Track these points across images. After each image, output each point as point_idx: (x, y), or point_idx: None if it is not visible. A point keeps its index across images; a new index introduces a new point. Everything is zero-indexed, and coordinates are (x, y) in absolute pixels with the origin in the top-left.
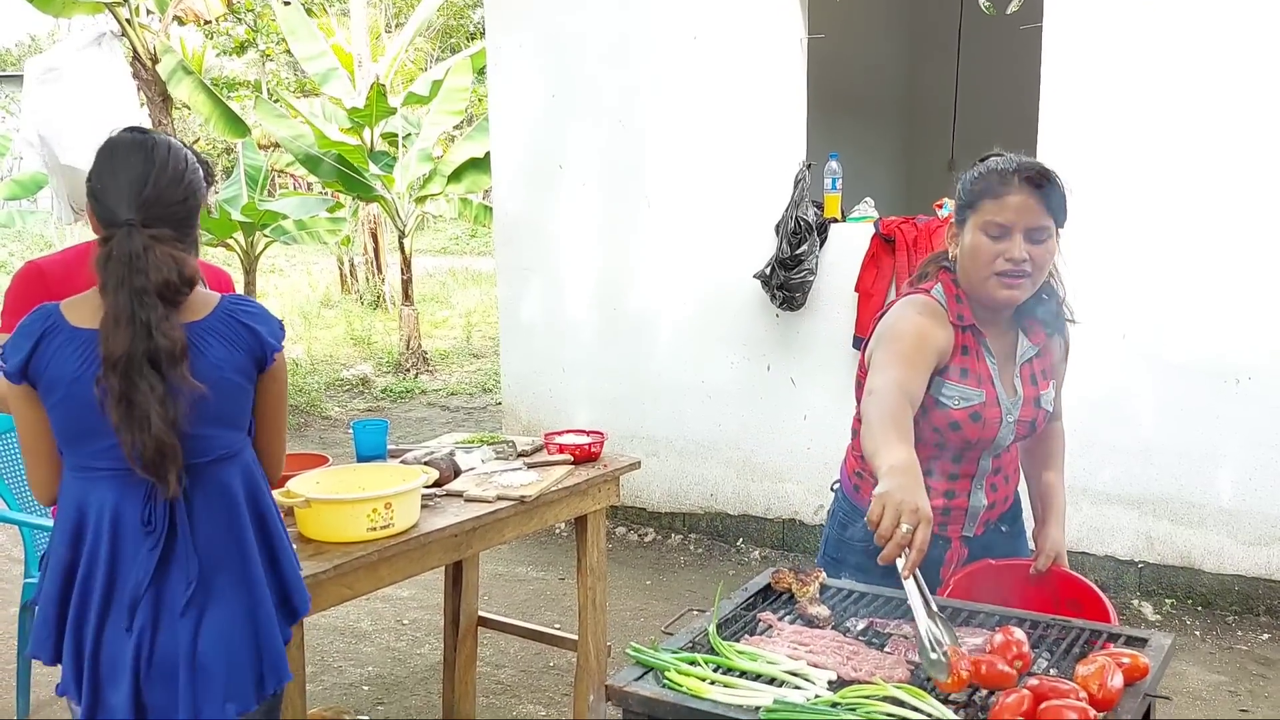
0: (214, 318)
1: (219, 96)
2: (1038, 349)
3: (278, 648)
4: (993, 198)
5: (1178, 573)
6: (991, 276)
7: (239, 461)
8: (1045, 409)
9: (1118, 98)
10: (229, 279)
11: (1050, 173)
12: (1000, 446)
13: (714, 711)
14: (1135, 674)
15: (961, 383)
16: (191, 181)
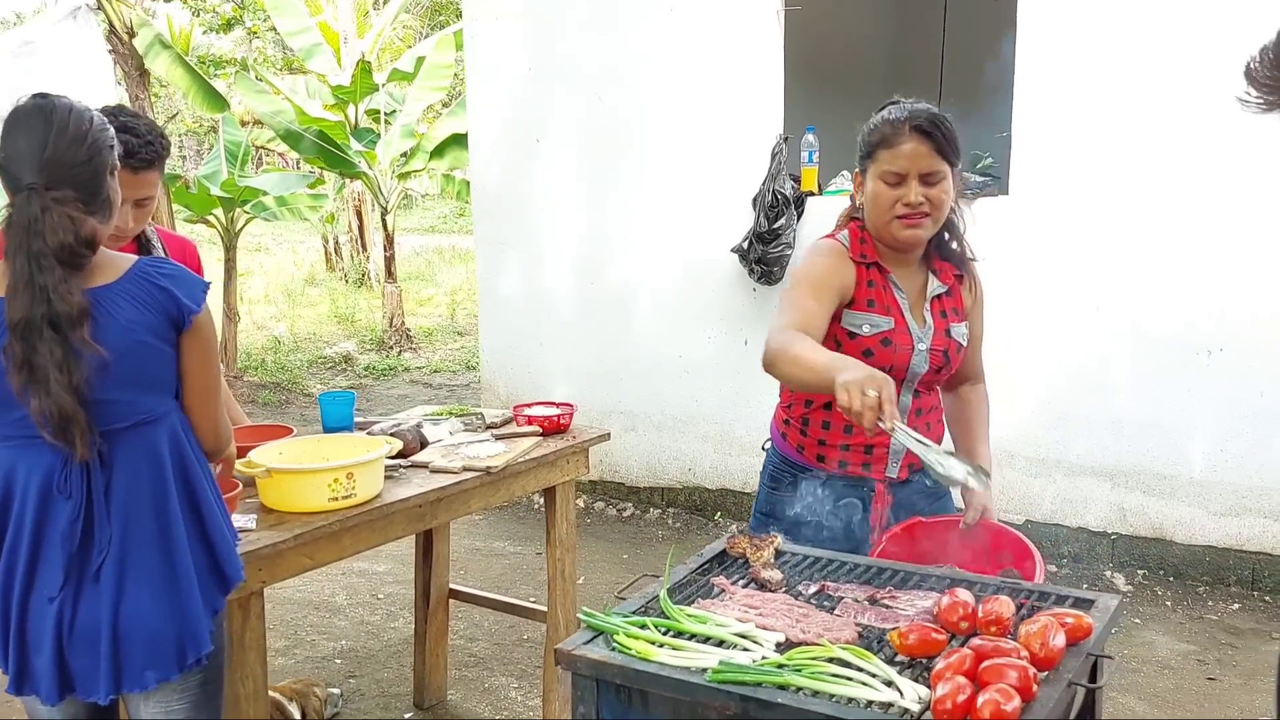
0: (127, 279)
1: (197, 71)
2: (946, 288)
3: (198, 617)
4: (887, 147)
5: (1149, 544)
6: (893, 220)
7: (163, 426)
8: (957, 340)
9: (1093, 72)
10: (194, 249)
11: (939, 119)
12: (915, 376)
13: (660, 673)
14: (1079, 634)
15: (869, 311)
16: (95, 141)
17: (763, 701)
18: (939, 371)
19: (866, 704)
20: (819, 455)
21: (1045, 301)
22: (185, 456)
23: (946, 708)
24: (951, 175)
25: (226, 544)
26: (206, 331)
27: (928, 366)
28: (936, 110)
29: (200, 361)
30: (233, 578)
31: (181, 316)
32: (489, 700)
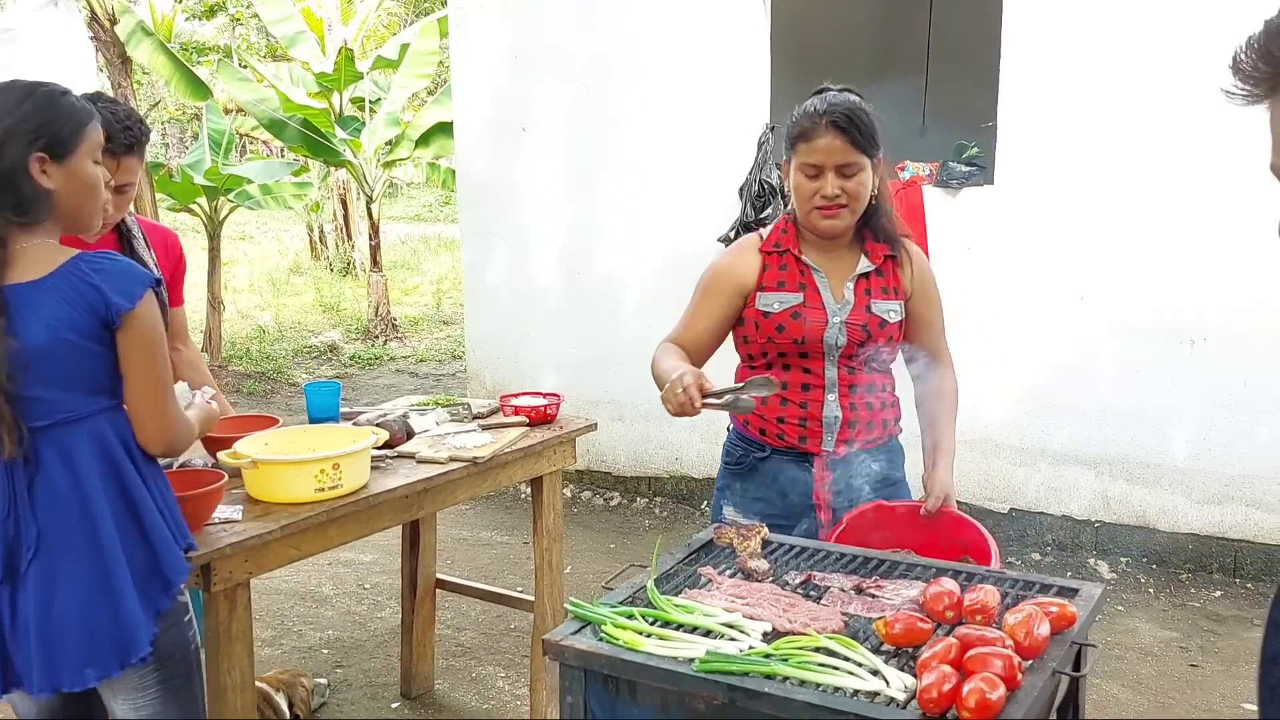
0: (57, 275)
1: (179, 59)
2: (875, 266)
3: (136, 618)
4: (805, 141)
5: (1133, 532)
6: (813, 210)
7: (89, 425)
8: (880, 316)
9: (1079, 63)
10: (176, 239)
11: (856, 112)
12: (834, 348)
13: (648, 663)
14: (1063, 623)
15: (778, 291)
16: (10, 128)
17: (750, 691)
18: (862, 345)
19: (853, 693)
20: (761, 429)
21: (1030, 291)
22: (117, 456)
23: (932, 696)
24: (872, 165)
25: (167, 546)
26: (144, 329)
27: (845, 339)
28: (856, 102)
29: (139, 359)
30: (173, 578)
31: (109, 314)
32: (476, 690)
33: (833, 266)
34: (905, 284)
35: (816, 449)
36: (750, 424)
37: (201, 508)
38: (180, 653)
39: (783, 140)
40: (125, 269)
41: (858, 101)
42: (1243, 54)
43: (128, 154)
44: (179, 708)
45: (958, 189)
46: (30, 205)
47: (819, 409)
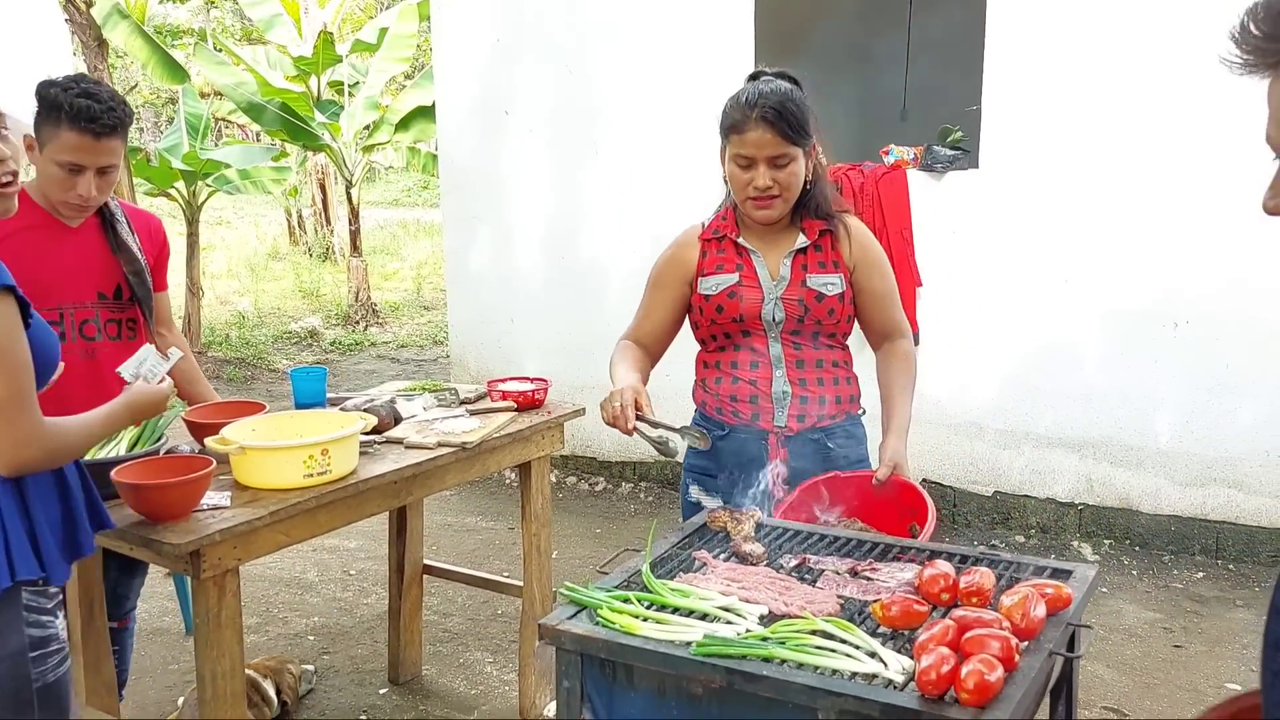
0: None
1: (156, 41)
2: (810, 242)
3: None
4: (737, 132)
5: (1116, 514)
6: (746, 200)
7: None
8: (816, 289)
9: (1063, 47)
10: (159, 224)
11: (786, 103)
12: (773, 324)
13: (646, 647)
14: (1058, 604)
15: (716, 274)
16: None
17: (748, 674)
18: (802, 320)
19: (851, 675)
20: (717, 409)
21: (1015, 275)
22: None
23: (931, 678)
24: (804, 153)
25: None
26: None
27: (783, 314)
28: (787, 91)
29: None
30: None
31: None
32: (464, 675)
33: (769, 247)
34: (845, 257)
35: (770, 425)
36: (708, 404)
37: (189, 494)
38: (10, 688)
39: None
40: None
41: (789, 90)
42: (1242, 21)
43: (110, 135)
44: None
45: (942, 173)
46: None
47: (768, 385)
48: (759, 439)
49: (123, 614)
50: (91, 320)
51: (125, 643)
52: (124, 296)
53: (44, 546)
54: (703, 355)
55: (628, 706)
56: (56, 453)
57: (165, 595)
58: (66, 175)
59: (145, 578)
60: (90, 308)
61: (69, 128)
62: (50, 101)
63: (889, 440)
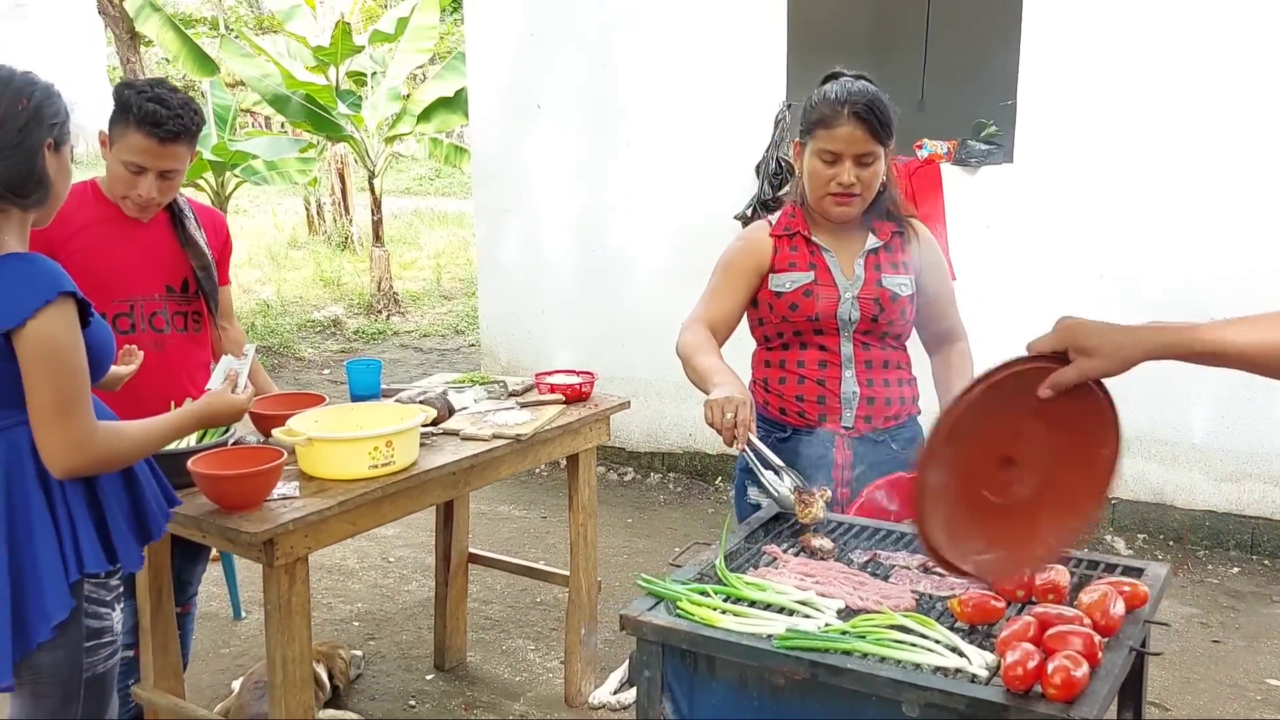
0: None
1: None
2: (883, 242)
3: (3, 650)
4: (825, 127)
5: (1150, 508)
6: (826, 196)
7: (8, 440)
8: (891, 290)
9: (1098, 41)
10: (223, 220)
11: (877, 102)
12: (848, 324)
13: (728, 639)
14: (1135, 601)
15: (789, 271)
16: (29, 122)
17: (832, 667)
18: (875, 320)
19: (934, 669)
20: (781, 409)
21: (1049, 269)
22: (23, 473)
23: (1017, 674)
24: (884, 153)
25: (51, 578)
26: (32, 346)
27: (859, 314)
28: (876, 91)
29: (29, 377)
30: (35, 631)
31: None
32: (508, 662)
33: (842, 245)
34: (914, 259)
35: (837, 426)
36: (770, 404)
37: (263, 484)
38: (61, 676)
39: (797, 122)
40: (22, 279)
41: (877, 91)
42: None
43: (174, 141)
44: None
45: (976, 167)
46: (35, 188)
47: (837, 385)
48: (825, 440)
49: (185, 599)
50: (160, 313)
51: (187, 628)
52: (190, 290)
53: (117, 536)
54: (763, 354)
55: (708, 697)
56: (108, 458)
57: (212, 580)
58: (130, 175)
59: (207, 564)
60: (159, 300)
61: (136, 130)
62: (122, 102)
63: None
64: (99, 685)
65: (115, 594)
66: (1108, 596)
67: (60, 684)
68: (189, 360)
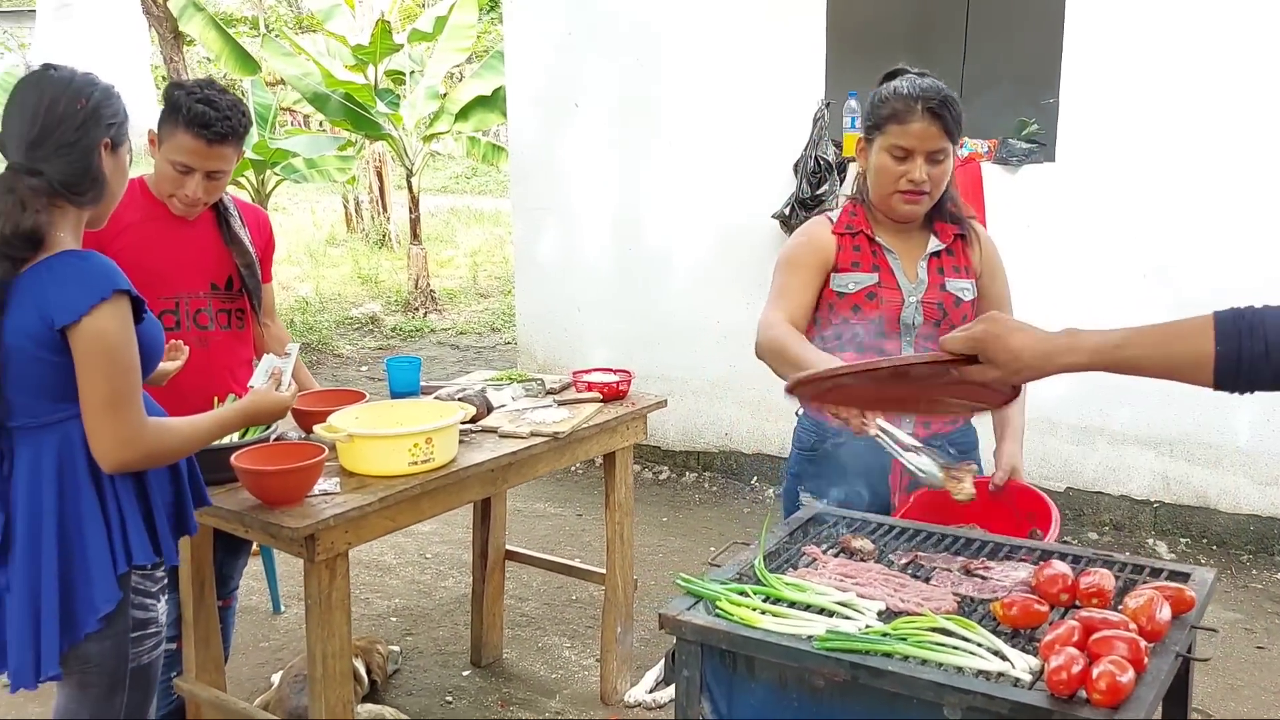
0: (28, 273)
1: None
2: (945, 245)
3: (50, 636)
4: (898, 123)
5: (1193, 512)
6: (895, 194)
7: (57, 432)
8: (954, 294)
9: (1142, 38)
10: (267, 219)
11: (949, 99)
12: (910, 328)
13: (768, 640)
14: (1181, 607)
15: (853, 271)
16: (88, 119)
17: (873, 669)
18: (938, 325)
19: (976, 673)
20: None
21: (1091, 269)
22: (75, 468)
23: (1062, 678)
24: (953, 151)
25: (100, 570)
26: (86, 343)
27: (922, 318)
28: (946, 89)
29: (81, 372)
30: (81, 622)
31: (53, 325)
32: (544, 659)
33: (904, 247)
34: (975, 262)
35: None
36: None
37: (306, 480)
38: (108, 666)
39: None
40: (78, 276)
41: (946, 87)
42: None
43: (221, 142)
44: (89, 714)
45: (1017, 166)
46: (90, 186)
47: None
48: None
49: (226, 593)
50: (204, 310)
51: (228, 621)
52: (234, 288)
53: (160, 529)
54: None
55: (747, 697)
56: (157, 454)
57: (252, 575)
58: (177, 174)
59: (248, 558)
60: (203, 298)
61: (184, 130)
62: (172, 103)
63: (1005, 445)
64: (144, 676)
65: (160, 585)
66: (1154, 601)
67: (107, 674)
68: (232, 357)
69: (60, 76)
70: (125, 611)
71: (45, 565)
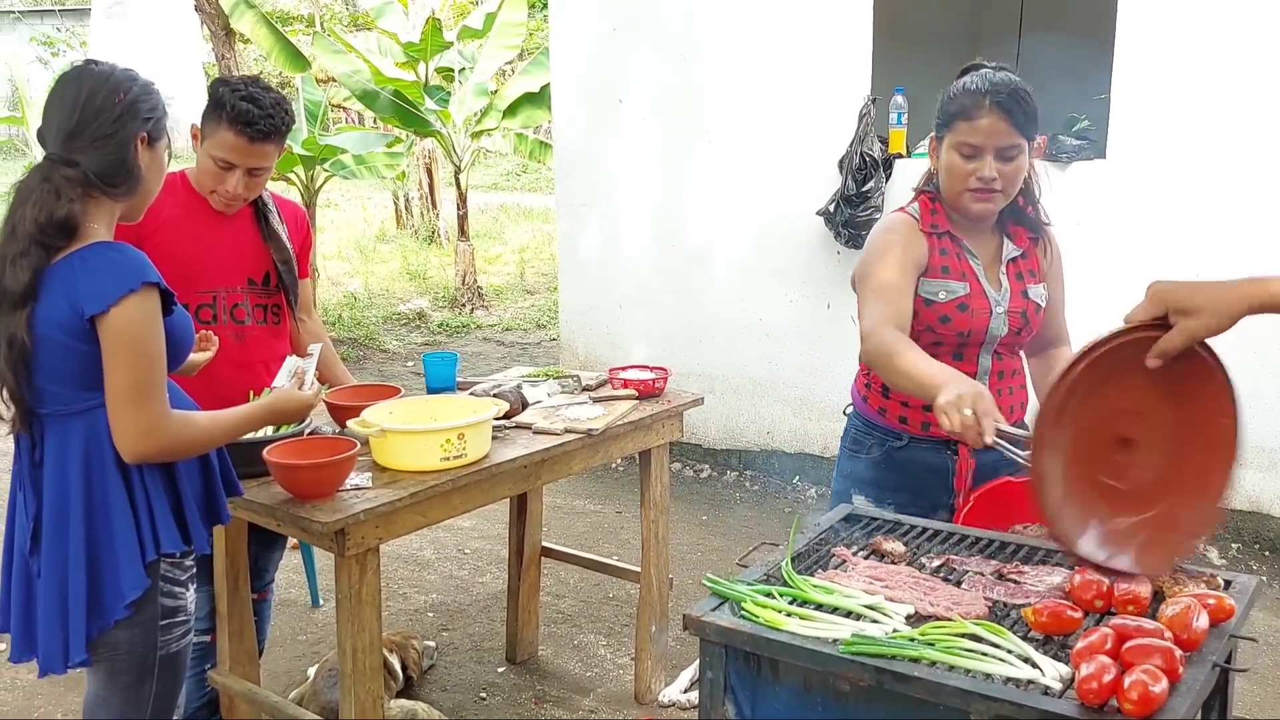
0: (61, 263)
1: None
2: (1021, 250)
3: (78, 622)
4: (966, 119)
5: (1245, 517)
6: (965, 192)
7: (84, 420)
8: (1035, 302)
9: (1196, 35)
10: (304, 215)
11: (1021, 93)
12: (995, 339)
13: (793, 643)
14: (1220, 615)
15: (944, 279)
16: (124, 113)
17: (899, 674)
18: (1019, 333)
19: (1005, 680)
20: (901, 417)
21: (1141, 268)
22: (102, 456)
23: (1092, 687)
24: (1028, 148)
25: (128, 557)
26: (114, 333)
27: (1007, 328)
28: (1018, 82)
29: (108, 362)
30: (109, 608)
31: (82, 314)
32: (579, 657)
33: (981, 250)
34: (1044, 268)
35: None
36: (889, 411)
37: (337, 474)
38: (137, 653)
39: (936, 118)
40: (109, 267)
41: (1019, 81)
42: None
43: (264, 140)
44: (119, 702)
45: (1067, 163)
46: (125, 179)
47: None
48: (942, 449)
49: (262, 586)
50: (241, 304)
51: (264, 614)
52: (271, 283)
53: (190, 518)
54: None
55: (771, 700)
56: (178, 446)
57: (291, 568)
58: (219, 170)
59: (284, 552)
60: (240, 292)
61: (228, 127)
62: (216, 99)
63: None
64: (172, 664)
65: (189, 574)
66: (1191, 609)
67: (136, 660)
68: (268, 351)
69: (100, 71)
70: (154, 599)
71: (73, 552)
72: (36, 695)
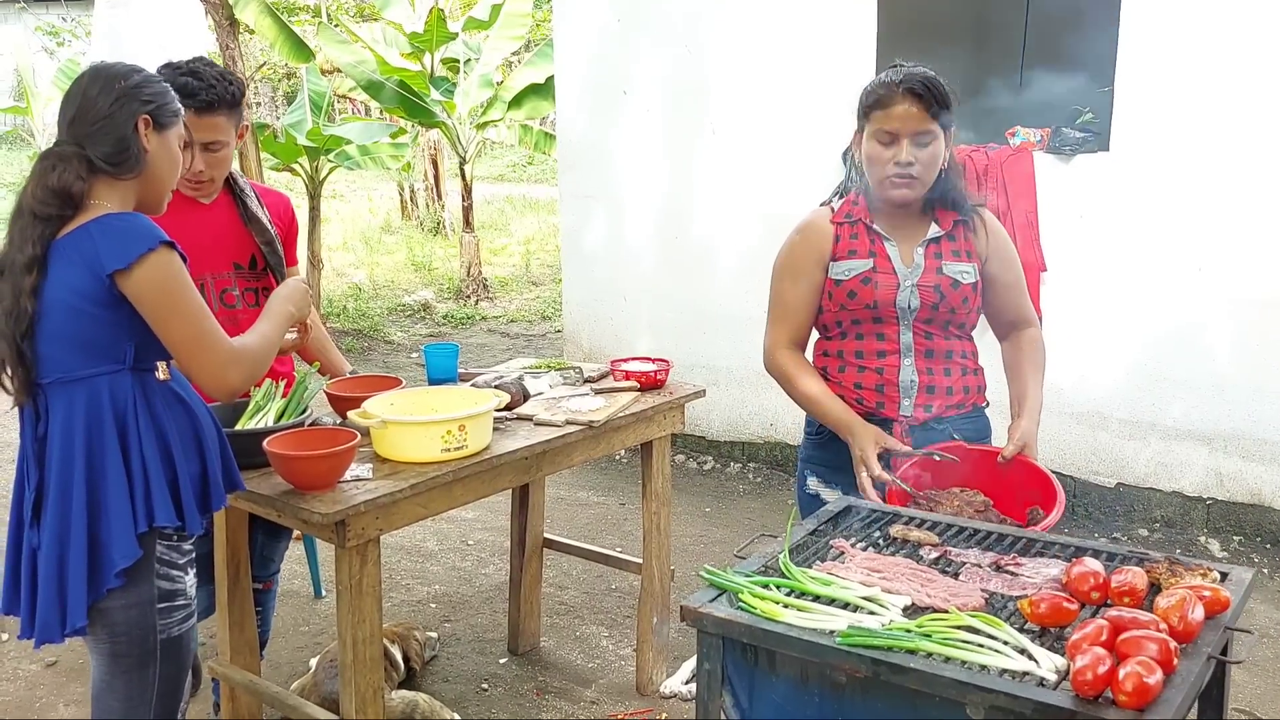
0: (73, 234)
1: (284, 21)
2: (945, 231)
3: (77, 590)
4: (881, 108)
5: (1247, 510)
6: (885, 179)
7: (87, 388)
8: (952, 277)
9: (1200, 27)
10: (287, 202)
11: (932, 82)
12: (908, 312)
13: (789, 634)
14: (1216, 607)
15: (849, 259)
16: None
17: (895, 666)
18: (936, 308)
19: (1001, 672)
20: (840, 396)
21: (1145, 261)
22: (103, 424)
23: (1087, 678)
24: (944, 136)
25: (120, 526)
26: (145, 290)
27: (919, 301)
28: (931, 74)
29: (153, 320)
30: (104, 575)
31: (102, 274)
32: (581, 649)
33: (903, 234)
34: (979, 248)
35: (895, 414)
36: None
37: (337, 466)
38: (136, 635)
39: (857, 111)
40: (127, 229)
41: (933, 73)
42: None
43: (209, 111)
44: (124, 686)
45: (1071, 155)
46: (126, 157)
47: (895, 374)
48: (886, 428)
49: (267, 576)
50: (230, 289)
51: (268, 605)
52: (258, 266)
53: (184, 498)
54: (821, 344)
55: (768, 692)
56: (256, 365)
57: (294, 559)
58: None
59: (289, 542)
60: (228, 277)
61: None
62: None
63: (1020, 420)
64: (175, 648)
65: (187, 558)
66: (1186, 601)
67: (136, 643)
68: None
69: (104, 65)
70: (149, 578)
71: (75, 520)
72: (39, 686)
